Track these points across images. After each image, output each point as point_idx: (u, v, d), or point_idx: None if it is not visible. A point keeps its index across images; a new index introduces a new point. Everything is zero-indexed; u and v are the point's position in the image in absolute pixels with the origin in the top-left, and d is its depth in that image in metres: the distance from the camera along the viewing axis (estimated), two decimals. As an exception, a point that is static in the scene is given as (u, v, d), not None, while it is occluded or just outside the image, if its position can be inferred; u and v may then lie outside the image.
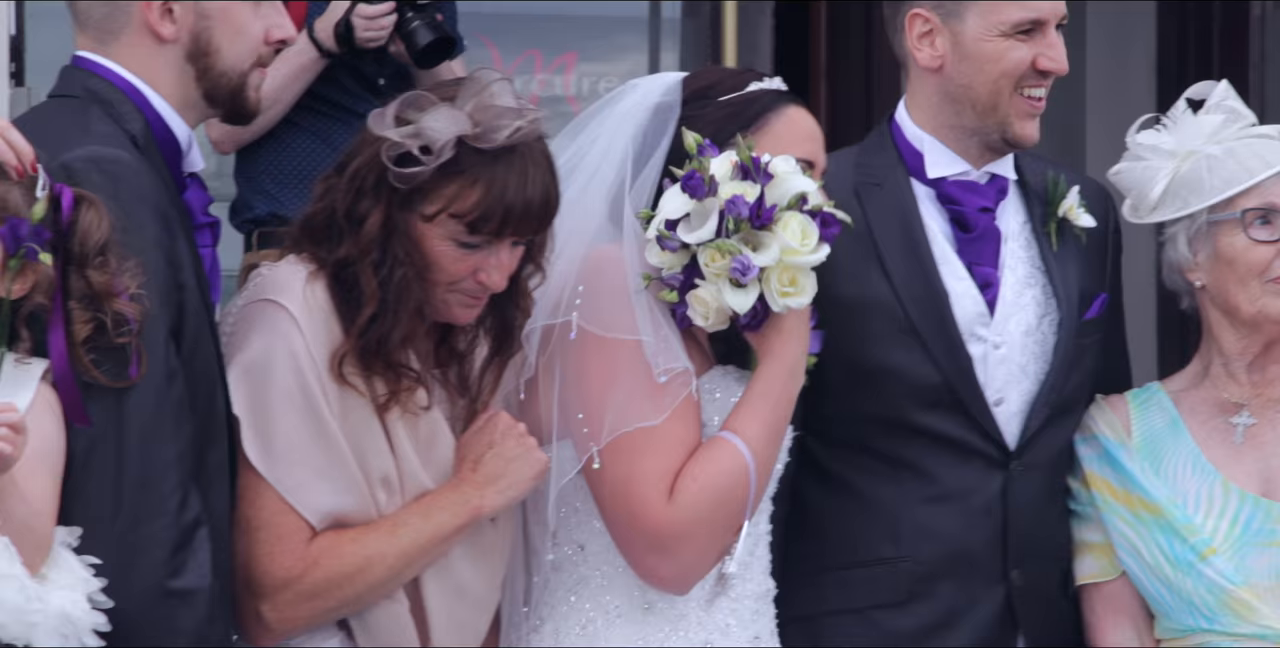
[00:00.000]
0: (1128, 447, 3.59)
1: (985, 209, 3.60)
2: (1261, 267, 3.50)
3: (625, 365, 3.13)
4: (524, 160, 3.05)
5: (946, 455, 3.52)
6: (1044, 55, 3.52)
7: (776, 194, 3.13)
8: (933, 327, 3.51)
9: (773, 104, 3.30)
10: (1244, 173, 3.51)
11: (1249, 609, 3.44)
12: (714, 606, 3.22)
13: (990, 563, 3.52)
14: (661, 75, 3.36)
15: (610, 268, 3.16)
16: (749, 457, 3.13)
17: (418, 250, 3.04)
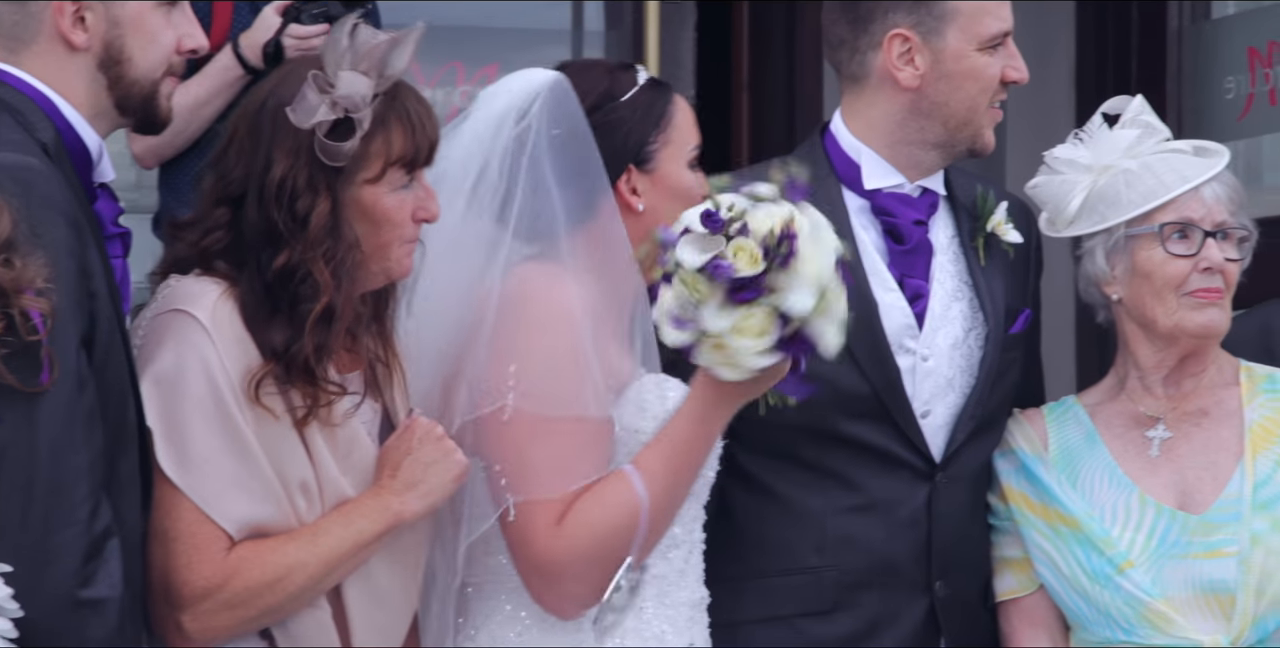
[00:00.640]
0: (1045, 460, 3.61)
1: (919, 222, 3.62)
2: (1178, 280, 3.52)
3: (559, 436, 3.13)
4: (408, 88, 3.09)
5: (873, 466, 3.54)
6: (1010, 66, 3.59)
7: (783, 282, 3.02)
8: (861, 337, 3.52)
9: (668, 96, 3.32)
10: (1161, 187, 3.54)
11: (1166, 621, 3.46)
12: (649, 613, 3.22)
13: (914, 574, 3.55)
14: (528, 77, 3.30)
15: (544, 319, 3.15)
16: (643, 494, 3.11)
17: (371, 217, 3.05)
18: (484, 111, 3.24)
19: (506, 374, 3.13)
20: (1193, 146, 3.61)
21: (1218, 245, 3.52)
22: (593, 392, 3.14)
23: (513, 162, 3.21)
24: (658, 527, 3.15)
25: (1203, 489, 3.52)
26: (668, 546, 3.25)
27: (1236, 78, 5.77)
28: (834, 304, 3.02)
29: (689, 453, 3.14)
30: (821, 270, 3.00)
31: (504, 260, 3.20)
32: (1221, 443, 3.55)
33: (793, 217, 3.02)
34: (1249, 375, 3.61)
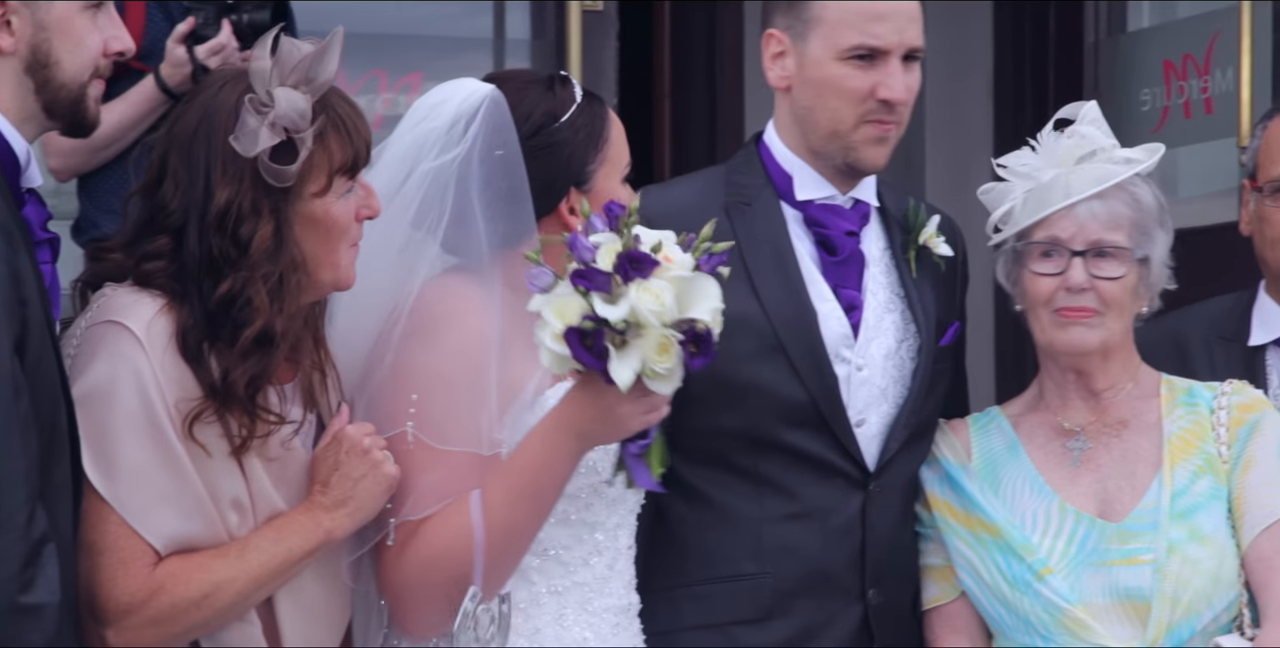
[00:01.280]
0: (968, 469, 3.64)
1: (851, 233, 3.63)
2: (1045, 298, 3.55)
3: (447, 467, 3.13)
4: (336, 92, 3.07)
5: (809, 474, 3.55)
6: (882, 84, 3.52)
7: (618, 292, 3.00)
8: (800, 346, 3.54)
9: (604, 112, 3.31)
10: (1043, 204, 3.55)
11: (1083, 628, 3.49)
12: (569, 620, 3.22)
13: (848, 581, 3.56)
14: (466, 92, 3.28)
15: (452, 346, 3.13)
16: (478, 522, 3.09)
17: (322, 228, 3.05)
18: (423, 126, 3.21)
19: (408, 401, 3.13)
20: (1143, 153, 3.60)
21: (1090, 264, 3.52)
22: (488, 428, 3.13)
23: (454, 186, 3.18)
24: (502, 555, 3.12)
25: (1121, 498, 3.55)
26: (589, 552, 3.25)
27: (1152, 90, 5.85)
28: (648, 343, 2.99)
29: (534, 483, 3.11)
30: (656, 307, 2.98)
31: (426, 270, 3.20)
32: (1140, 453, 3.58)
33: (681, 262, 3.01)
34: (1169, 388, 3.64)
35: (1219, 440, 3.57)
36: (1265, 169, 3.75)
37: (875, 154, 3.57)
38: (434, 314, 3.16)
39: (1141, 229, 3.56)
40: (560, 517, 3.23)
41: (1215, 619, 3.49)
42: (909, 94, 3.54)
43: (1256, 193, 3.78)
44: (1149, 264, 3.57)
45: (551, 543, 3.23)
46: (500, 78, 3.30)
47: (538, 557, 3.22)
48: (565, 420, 3.09)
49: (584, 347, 2.99)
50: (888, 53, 3.52)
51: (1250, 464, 3.54)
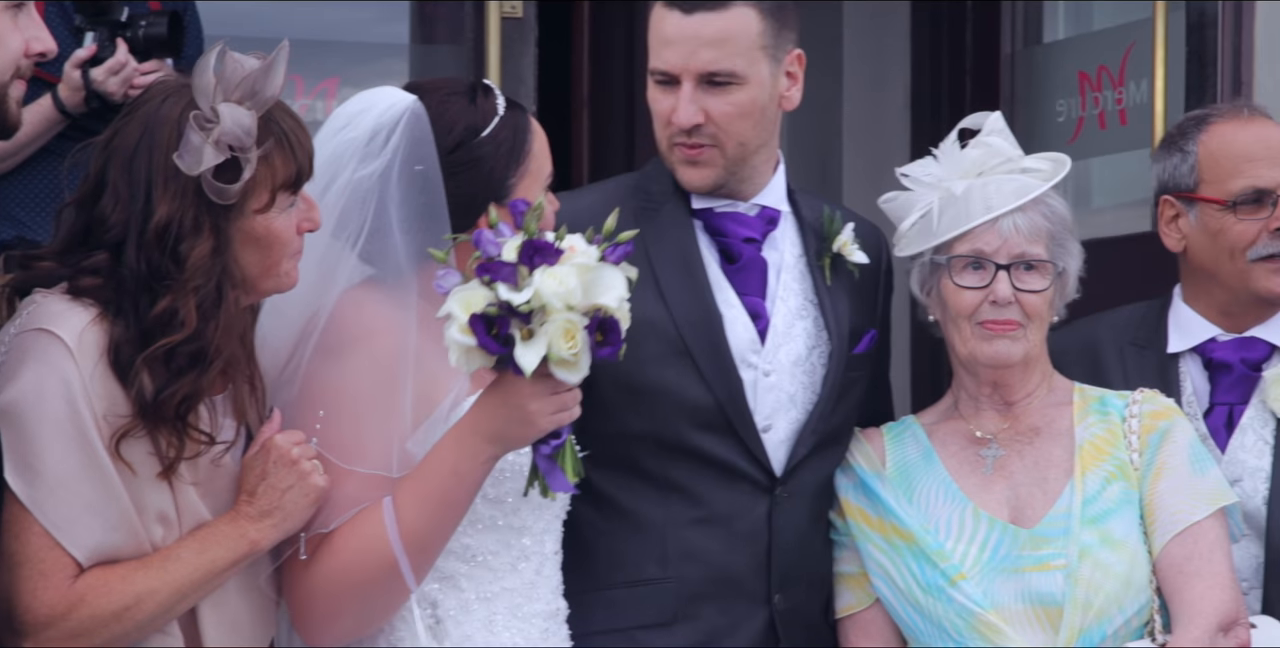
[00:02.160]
0: (882, 477, 3.65)
1: (750, 239, 3.64)
2: (969, 310, 3.56)
3: (352, 484, 3.11)
4: (280, 107, 3.05)
5: (715, 479, 3.55)
6: (673, 109, 3.52)
7: (523, 281, 3.00)
8: (706, 350, 3.55)
9: (527, 124, 3.30)
10: (964, 217, 3.56)
11: (996, 632, 3.51)
12: (499, 625, 3.21)
13: (754, 586, 3.56)
14: (387, 103, 3.26)
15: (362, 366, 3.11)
16: (391, 528, 3.08)
17: (264, 243, 3.02)
18: (343, 135, 3.20)
19: (314, 417, 3.12)
20: (1049, 164, 3.62)
21: (1014, 277, 3.54)
22: (398, 447, 3.12)
23: (374, 199, 3.17)
24: (420, 560, 3.11)
25: (1034, 504, 3.57)
26: (517, 558, 3.25)
27: (1067, 101, 5.88)
28: (553, 329, 2.98)
29: (446, 489, 3.09)
30: (560, 290, 2.98)
31: (344, 280, 3.18)
32: (1053, 460, 3.60)
33: (585, 252, 3.01)
34: (1081, 396, 3.66)
35: (1130, 448, 3.59)
36: (1221, 183, 3.74)
37: (690, 176, 3.58)
38: (347, 331, 3.14)
39: (1058, 241, 3.59)
40: (488, 523, 3.22)
41: (1126, 624, 3.51)
42: (701, 118, 3.50)
43: (1197, 205, 3.77)
44: (1065, 275, 3.60)
45: (480, 549, 3.23)
46: (422, 87, 3.28)
47: (466, 563, 3.22)
48: (477, 424, 3.08)
49: (490, 335, 2.98)
50: (677, 76, 3.52)
51: (1161, 471, 3.56)
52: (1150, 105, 5.46)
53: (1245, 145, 3.75)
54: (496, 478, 3.20)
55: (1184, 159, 3.77)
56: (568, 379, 3.03)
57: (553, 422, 3.07)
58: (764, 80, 3.55)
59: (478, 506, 3.20)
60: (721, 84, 3.52)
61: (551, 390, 3.05)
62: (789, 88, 3.61)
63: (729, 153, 3.56)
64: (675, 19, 3.52)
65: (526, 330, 3.00)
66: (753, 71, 3.53)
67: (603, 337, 3.02)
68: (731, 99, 3.52)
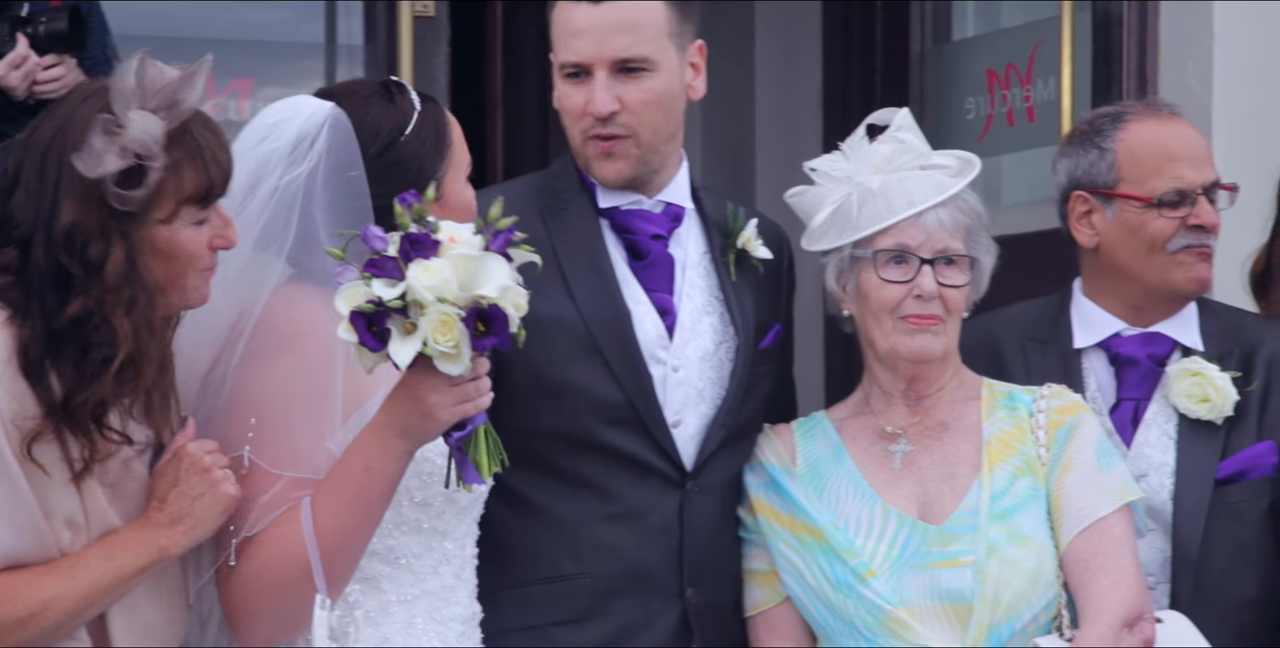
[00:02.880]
0: (792, 473, 3.66)
1: (657, 236, 3.66)
2: (892, 304, 3.58)
3: (288, 483, 3.11)
4: (201, 120, 3.04)
5: (626, 475, 3.57)
6: (589, 100, 3.55)
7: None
8: (615, 346, 3.56)
9: (443, 116, 3.31)
10: (886, 212, 3.58)
11: (906, 629, 3.53)
12: (418, 628, 3.21)
13: (666, 581, 3.58)
14: (308, 111, 3.25)
15: (292, 370, 3.11)
16: (308, 528, 3.08)
17: (167, 255, 3.00)
18: (264, 147, 3.19)
19: (246, 425, 3.11)
20: (957, 161, 3.65)
21: (937, 272, 3.57)
22: (325, 455, 3.12)
23: (299, 206, 3.16)
24: (335, 560, 3.10)
25: (942, 500, 3.59)
26: (438, 561, 3.26)
27: (976, 99, 5.92)
28: (429, 321, 2.97)
29: (362, 486, 3.08)
30: (432, 283, 2.96)
31: (272, 284, 3.17)
32: (961, 456, 3.62)
33: (467, 242, 3.01)
34: (989, 391, 3.68)
35: (1038, 443, 3.62)
36: (1143, 181, 3.76)
37: (606, 170, 3.60)
38: (278, 331, 3.14)
39: (974, 236, 3.62)
40: (413, 525, 3.23)
41: (1035, 619, 3.54)
42: (617, 106, 3.53)
43: (1115, 201, 3.80)
44: (981, 270, 3.63)
45: (403, 551, 3.23)
46: (337, 93, 3.28)
47: (389, 565, 3.22)
48: (386, 420, 3.08)
49: (370, 332, 2.98)
50: (589, 67, 3.54)
51: (1068, 467, 3.59)
52: (1057, 103, 5.51)
53: (1167, 145, 3.77)
54: (424, 481, 3.21)
55: (1101, 156, 3.79)
56: (450, 372, 3.01)
57: (454, 413, 3.06)
58: (674, 68, 3.58)
59: (403, 508, 3.21)
60: (634, 70, 3.54)
61: (450, 383, 3.04)
62: (694, 78, 3.64)
63: (643, 143, 3.58)
64: (584, 10, 3.54)
65: (409, 325, 2.99)
66: (663, 58, 3.56)
67: (485, 327, 3.01)
68: (645, 86, 3.55)
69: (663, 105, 3.57)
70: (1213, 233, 3.79)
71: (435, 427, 3.07)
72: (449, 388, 3.04)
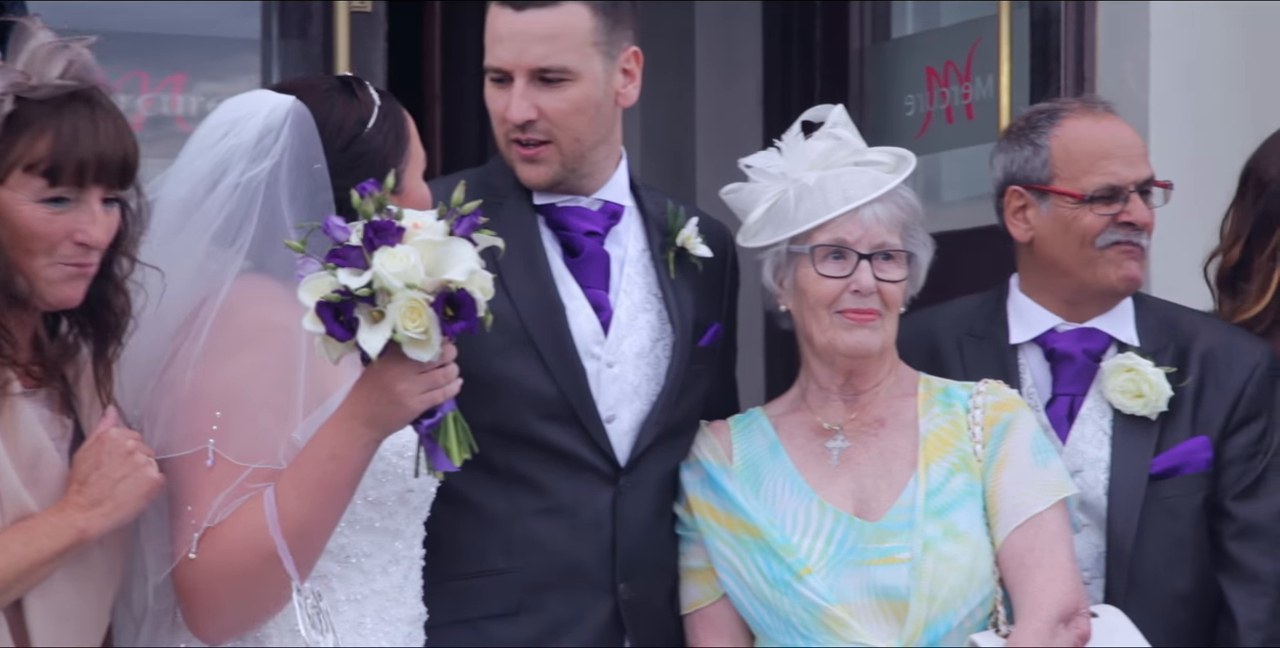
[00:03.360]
0: (729, 471, 3.66)
1: (592, 233, 3.65)
2: (830, 299, 3.59)
3: (252, 475, 3.10)
4: (89, 105, 2.99)
5: (560, 469, 3.57)
6: (510, 106, 3.56)
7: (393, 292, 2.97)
8: (549, 340, 3.57)
9: (399, 111, 3.30)
10: (823, 207, 3.59)
11: (842, 626, 3.53)
12: (367, 628, 3.20)
13: (599, 576, 3.58)
14: (269, 105, 3.24)
15: (256, 363, 3.09)
16: (272, 517, 3.06)
17: (9, 225, 2.96)
18: (226, 142, 3.17)
19: (210, 418, 3.09)
20: (892, 157, 3.65)
21: (875, 267, 3.57)
22: (288, 444, 3.10)
23: (262, 200, 3.14)
24: (298, 549, 3.08)
25: (879, 497, 3.60)
26: (389, 561, 3.25)
27: (915, 96, 5.93)
28: (398, 308, 2.95)
29: (326, 475, 3.07)
30: (399, 269, 2.95)
31: (231, 279, 3.15)
32: (897, 452, 3.63)
33: (431, 228, 3.00)
34: (927, 387, 3.69)
35: (974, 439, 3.63)
36: (1076, 178, 3.77)
37: (527, 173, 3.61)
38: (239, 331, 3.12)
39: (911, 232, 3.63)
40: (365, 524, 3.22)
41: (971, 615, 3.55)
42: (534, 114, 3.54)
43: (1049, 197, 3.81)
44: (918, 266, 3.63)
45: (354, 550, 3.22)
46: (297, 88, 3.27)
47: (339, 564, 3.20)
48: (353, 408, 3.06)
49: (337, 321, 2.96)
50: (510, 73, 3.55)
51: (1004, 463, 3.60)
52: (996, 100, 5.52)
53: (1100, 142, 3.79)
54: (378, 479, 3.20)
55: (1036, 152, 3.81)
56: (420, 358, 3.00)
57: (423, 401, 3.04)
58: (597, 77, 3.57)
59: (357, 506, 3.19)
60: (554, 80, 3.55)
61: (418, 370, 3.03)
62: (625, 85, 3.63)
63: (565, 149, 3.58)
64: (507, 16, 3.55)
65: (376, 313, 2.98)
66: (585, 68, 3.55)
67: (454, 311, 2.99)
68: (564, 95, 3.55)
69: (585, 114, 3.58)
70: (1145, 230, 3.80)
71: (404, 414, 3.05)
72: (417, 376, 3.03)
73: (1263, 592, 3.73)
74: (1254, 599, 3.72)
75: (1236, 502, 3.76)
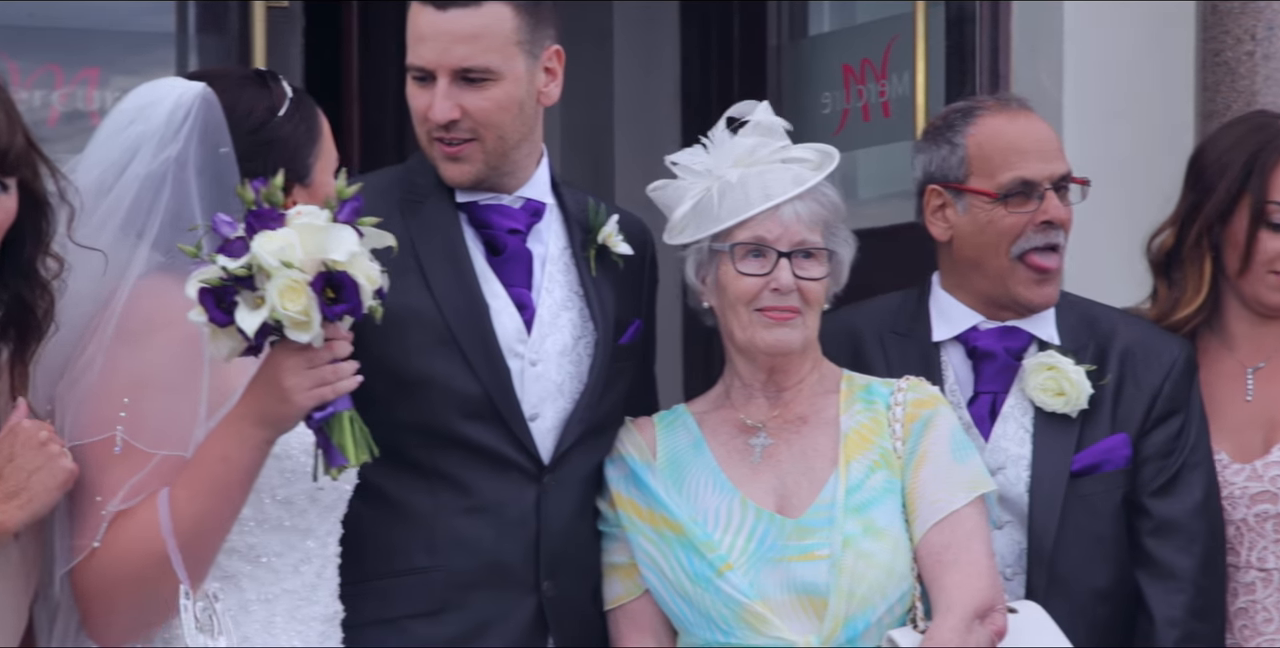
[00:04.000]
0: (652, 467, 3.67)
1: (515, 231, 3.65)
2: (749, 296, 3.60)
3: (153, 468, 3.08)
4: None
5: (484, 468, 3.57)
6: (429, 106, 3.56)
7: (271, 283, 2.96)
8: (473, 339, 3.56)
9: (313, 105, 3.30)
10: (744, 204, 3.60)
11: (763, 622, 3.54)
12: (278, 628, 3.19)
13: (523, 574, 3.58)
14: (177, 91, 3.23)
15: (164, 350, 3.08)
16: (164, 518, 3.05)
17: None
18: (134, 129, 3.15)
19: (119, 405, 3.07)
20: (817, 154, 3.66)
21: (795, 264, 3.58)
22: (196, 431, 3.09)
23: (170, 186, 3.12)
24: (193, 550, 3.07)
25: (800, 494, 3.61)
26: (300, 560, 3.23)
27: (832, 94, 5.96)
28: (276, 288, 2.93)
29: (220, 474, 3.05)
30: (275, 248, 2.94)
31: (138, 273, 3.13)
32: (819, 449, 3.64)
33: (310, 212, 2.98)
34: (849, 384, 3.70)
35: (894, 436, 3.65)
36: (990, 175, 3.79)
37: (451, 172, 3.61)
38: (145, 318, 3.10)
39: (833, 229, 3.64)
40: (275, 523, 3.20)
41: (889, 611, 3.57)
42: (457, 114, 3.53)
43: (966, 196, 3.82)
44: (839, 263, 3.65)
45: (264, 549, 3.20)
46: (209, 76, 3.26)
47: (250, 563, 3.19)
48: (245, 408, 3.05)
49: (219, 308, 2.95)
50: (432, 72, 3.55)
51: (923, 460, 3.62)
52: (912, 98, 5.56)
53: (1014, 139, 3.81)
54: (287, 478, 3.19)
55: (953, 151, 3.82)
56: (300, 339, 2.97)
57: (311, 397, 3.02)
58: (520, 76, 3.57)
59: (266, 505, 3.18)
60: (477, 80, 3.55)
61: (308, 365, 3.01)
62: (547, 83, 3.64)
63: (489, 147, 3.59)
64: (429, 15, 3.54)
65: (258, 299, 2.95)
66: (508, 67, 3.55)
67: (335, 294, 2.97)
68: (487, 95, 3.55)
69: (508, 113, 3.58)
70: (1063, 228, 3.82)
71: (292, 411, 3.03)
72: (306, 370, 3.01)
73: (1179, 588, 3.77)
74: (1170, 596, 3.76)
75: (1153, 499, 3.80)
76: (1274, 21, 5.01)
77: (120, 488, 3.06)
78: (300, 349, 3.00)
